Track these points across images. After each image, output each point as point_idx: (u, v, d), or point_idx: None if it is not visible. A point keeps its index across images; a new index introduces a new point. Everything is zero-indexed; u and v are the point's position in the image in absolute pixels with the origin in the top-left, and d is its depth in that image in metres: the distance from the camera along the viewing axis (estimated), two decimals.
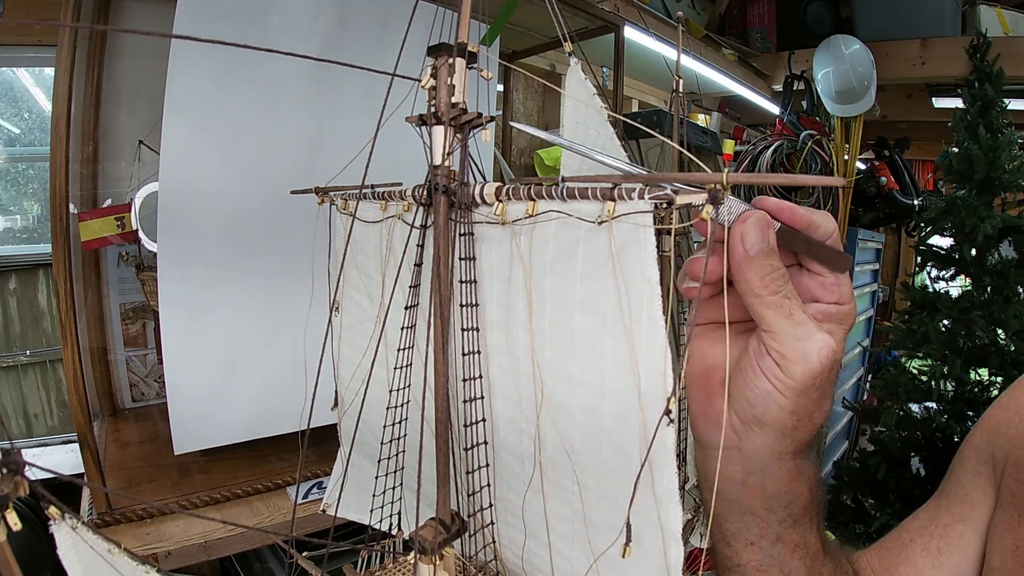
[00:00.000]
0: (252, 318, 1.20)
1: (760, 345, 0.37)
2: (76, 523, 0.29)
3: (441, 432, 0.43)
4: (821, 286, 0.39)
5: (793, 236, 0.37)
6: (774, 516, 0.43)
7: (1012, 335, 1.93)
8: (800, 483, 0.42)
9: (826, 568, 0.48)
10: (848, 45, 2.66)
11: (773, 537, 0.44)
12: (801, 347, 0.36)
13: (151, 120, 1.17)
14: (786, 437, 0.39)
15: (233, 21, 1.04)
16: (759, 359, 0.37)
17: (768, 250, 0.34)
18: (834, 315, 0.39)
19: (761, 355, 0.37)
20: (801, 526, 0.44)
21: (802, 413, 0.38)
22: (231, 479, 1.19)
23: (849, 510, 2.18)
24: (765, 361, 0.37)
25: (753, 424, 0.39)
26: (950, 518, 0.58)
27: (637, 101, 2.57)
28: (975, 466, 0.58)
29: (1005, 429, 0.56)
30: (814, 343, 0.36)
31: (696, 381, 0.42)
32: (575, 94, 0.73)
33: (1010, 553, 0.52)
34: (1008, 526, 0.53)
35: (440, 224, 0.42)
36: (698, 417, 0.43)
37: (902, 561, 0.58)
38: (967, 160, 2.00)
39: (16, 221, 1.62)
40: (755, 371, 0.38)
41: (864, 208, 3.22)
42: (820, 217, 0.38)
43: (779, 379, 0.37)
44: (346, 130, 1.19)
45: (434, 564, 0.41)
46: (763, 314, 0.36)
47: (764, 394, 0.37)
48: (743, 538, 0.44)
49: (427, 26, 0.44)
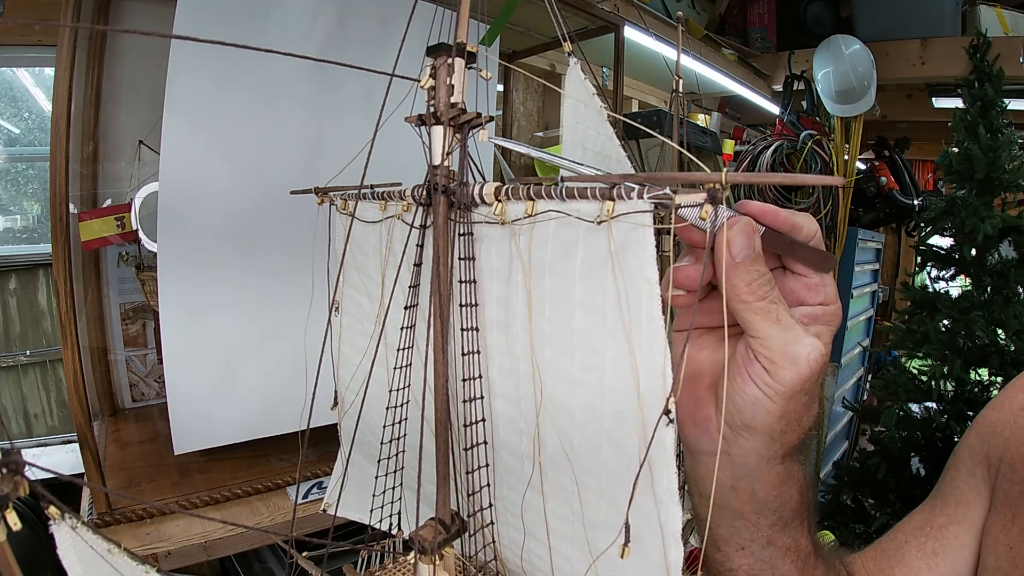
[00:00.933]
0: (252, 318, 1.20)
1: (748, 351, 0.37)
2: (76, 523, 0.29)
3: (441, 432, 0.43)
4: (806, 288, 0.39)
5: (777, 239, 0.37)
6: (764, 520, 0.43)
7: (1012, 335, 1.93)
8: (790, 486, 0.42)
9: (818, 571, 0.47)
10: (848, 45, 2.66)
11: (764, 541, 0.44)
12: (791, 352, 0.36)
13: (151, 120, 1.17)
14: (775, 441, 0.39)
15: (233, 21, 1.04)
16: (747, 365, 0.37)
17: (754, 256, 0.34)
18: (820, 317, 0.39)
19: (749, 361, 0.37)
20: (792, 529, 0.44)
21: (791, 417, 0.38)
22: (231, 479, 1.19)
23: (849, 510, 2.18)
24: (753, 367, 0.37)
25: (742, 429, 0.39)
26: (945, 519, 0.58)
27: (637, 101, 2.57)
28: (970, 467, 0.58)
29: (999, 429, 0.56)
30: (803, 347, 0.36)
31: (683, 387, 0.42)
32: (575, 94, 0.73)
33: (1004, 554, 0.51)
34: (1002, 527, 0.53)
35: (439, 224, 0.42)
36: (686, 423, 0.43)
37: (897, 563, 0.58)
38: (967, 160, 2.00)
39: (16, 221, 1.63)
40: (743, 377, 0.38)
41: (864, 208, 3.22)
42: (802, 219, 0.38)
43: (768, 384, 0.36)
44: (346, 130, 1.19)
45: (434, 564, 0.41)
46: (751, 320, 0.36)
47: (753, 400, 0.37)
48: (734, 542, 0.44)
49: (426, 26, 0.44)
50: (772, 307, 0.36)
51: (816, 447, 3.06)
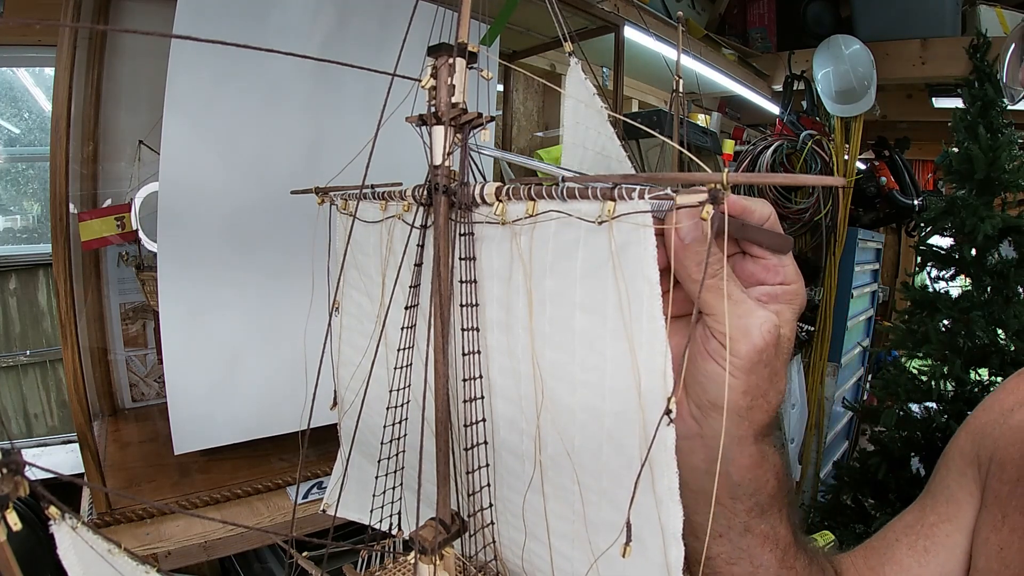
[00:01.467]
0: (252, 318, 1.20)
1: (705, 329, 0.38)
2: (76, 523, 0.29)
3: (441, 432, 0.43)
4: (764, 269, 0.40)
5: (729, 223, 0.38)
6: (740, 505, 0.43)
7: (1012, 335, 1.93)
8: (765, 470, 0.43)
9: (799, 562, 0.47)
10: (848, 45, 2.66)
11: (741, 528, 0.44)
12: (743, 324, 0.37)
13: (151, 120, 1.17)
14: (743, 419, 0.40)
15: (233, 21, 1.04)
16: (705, 343, 0.39)
17: (700, 237, 0.35)
18: (781, 296, 0.40)
19: (707, 338, 0.38)
20: (769, 516, 0.44)
21: (755, 392, 0.39)
22: (231, 479, 1.19)
23: (849, 510, 2.19)
24: (711, 344, 0.38)
25: (710, 409, 0.40)
26: (936, 518, 0.58)
27: (637, 101, 2.57)
28: (960, 467, 0.58)
29: (990, 430, 0.56)
30: (755, 319, 0.37)
31: None
32: (575, 94, 0.73)
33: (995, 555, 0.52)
34: (992, 527, 0.53)
35: (440, 224, 0.42)
36: None
37: (888, 560, 0.58)
38: (967, 160, 2.00)
39: (16, 221, 1.62)
40: (703, 355, 0.39)
41: (864, 208, 3.22)
42: (754, 203, 0.39)
43: (725, 359, 0.37)
44: (346, 130, 1.19)
45: (434, 564, 0.41)
46: (704, 298, 0.37)
47: (714, 376, 0.38)
48: (711, 530, 0.44)
49: (427, 26, 0.44)
50: (722, 284, 0.37)
51: (816, 447, 3.06)
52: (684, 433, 0.41)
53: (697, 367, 0.39)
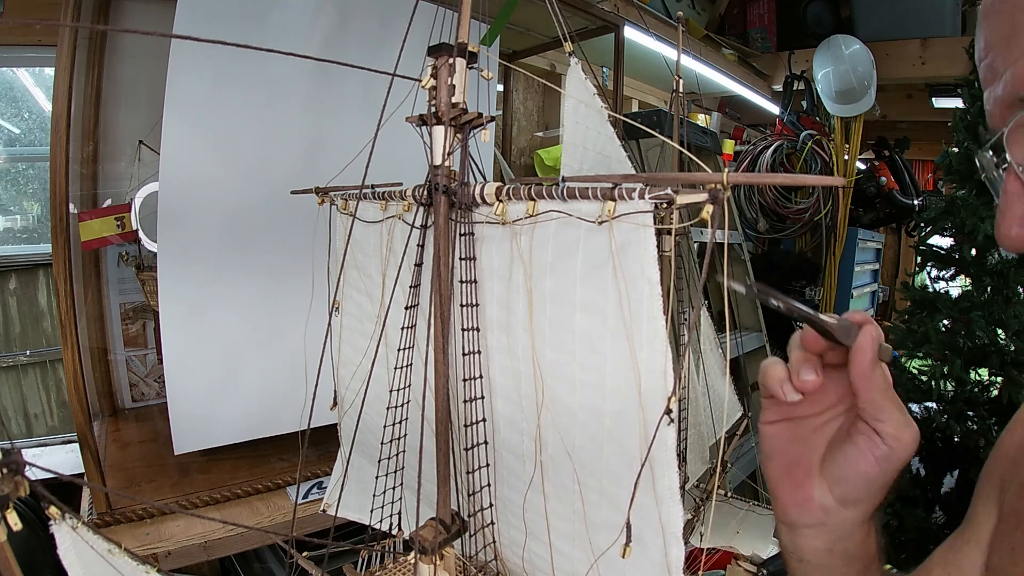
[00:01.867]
0: (252, 318, 1.20)
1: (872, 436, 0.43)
2: (76, 523, 0.29)
3: (441, 432, 0.43)
4: None
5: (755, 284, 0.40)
6: (852, 568, 0.50)
7: (1012, 335, 1.93)
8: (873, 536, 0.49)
9: None
10: (848, 45, 2.66)
11: None
12: (912, 431, 0.43)
13: (151, 120, 1.17)
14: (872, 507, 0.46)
15: (233, 21, 1.04)
16: (872, 449, 0.43)
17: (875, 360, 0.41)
18: None
19: (874, 445, 0.43)
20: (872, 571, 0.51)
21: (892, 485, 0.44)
22: (231, 479, 1.19)
23: None
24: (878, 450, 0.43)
25: (851, 504, 0.46)
26: (962, 542, 0.60)
27: (637, 101, 2.57)
28: (987, 490, 0.60)
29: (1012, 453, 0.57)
30: (913, 426, 0.43)
31: (782, 476, 0.48)
32: (575, 94, 0.73)
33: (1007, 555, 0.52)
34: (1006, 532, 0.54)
35: (440, 224, 0.42)
36: (789, 505, 0.48)
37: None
38: (967, 160, 2.00)
39: (16, 221, 1.62)
40: (867, 460, 0.44)
41: (864, 208, 3.22)
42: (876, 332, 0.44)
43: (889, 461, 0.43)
44: (346, 130, 1.19)
45: (434, 564, 0.41)
46: (884, 406, 0.42)
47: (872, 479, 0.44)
48: None
49: (427, 26, 0.44)
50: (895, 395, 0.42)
51: None
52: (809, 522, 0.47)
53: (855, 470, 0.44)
